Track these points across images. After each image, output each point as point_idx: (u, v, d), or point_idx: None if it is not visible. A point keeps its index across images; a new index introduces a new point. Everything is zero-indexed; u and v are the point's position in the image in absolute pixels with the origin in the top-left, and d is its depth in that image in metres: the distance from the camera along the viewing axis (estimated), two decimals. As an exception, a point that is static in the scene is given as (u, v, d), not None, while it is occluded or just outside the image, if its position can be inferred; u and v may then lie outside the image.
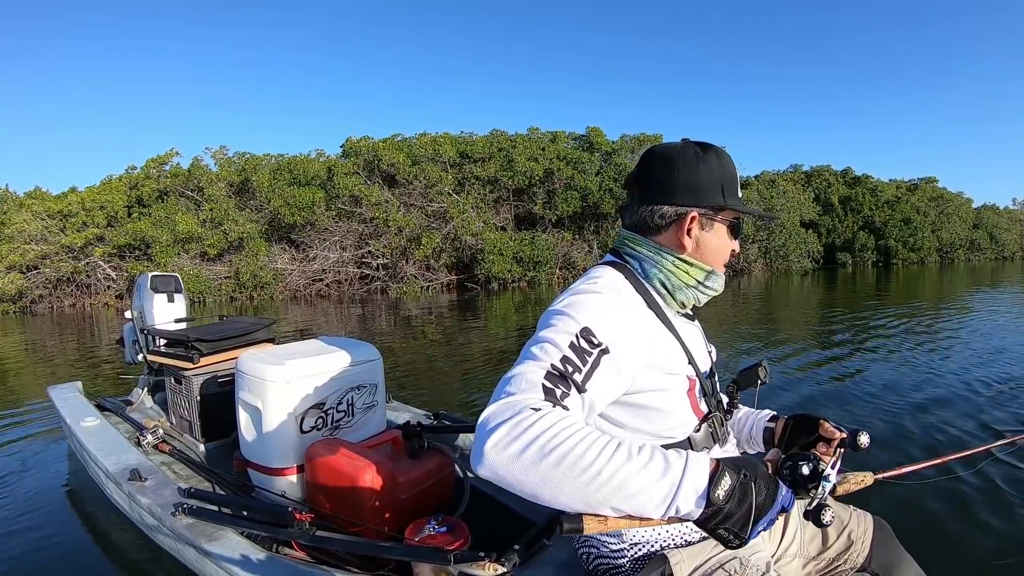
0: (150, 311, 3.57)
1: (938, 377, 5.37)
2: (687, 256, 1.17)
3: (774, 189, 33.51)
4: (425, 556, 1.56)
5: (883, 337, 7.99)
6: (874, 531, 1.42)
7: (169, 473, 2.54)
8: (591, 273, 1.15)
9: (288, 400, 2.19)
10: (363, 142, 26.10)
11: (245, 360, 2.28)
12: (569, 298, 1.03)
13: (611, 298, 1.05)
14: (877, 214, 37.96)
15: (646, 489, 0.77)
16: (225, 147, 26.99)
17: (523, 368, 0.89)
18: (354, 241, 23.66)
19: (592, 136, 28.98)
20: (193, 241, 22.16)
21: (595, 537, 1.18)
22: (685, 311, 1.24)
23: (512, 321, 12.33)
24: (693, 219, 1.15)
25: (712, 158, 1.15)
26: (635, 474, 0.76)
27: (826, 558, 1.39)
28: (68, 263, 21.66)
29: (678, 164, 1.14)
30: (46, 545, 2.72)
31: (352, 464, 2.00)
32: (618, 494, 0.76)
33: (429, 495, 2.10)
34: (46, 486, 3.45)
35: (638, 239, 1.20)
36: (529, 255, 23.46)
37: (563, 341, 0.93)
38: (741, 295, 17.09)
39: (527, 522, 2.04)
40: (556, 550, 1.64)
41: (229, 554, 1.84)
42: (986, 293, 15.02)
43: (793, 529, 1.37)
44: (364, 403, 2.42)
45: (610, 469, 0.76)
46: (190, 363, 2.86)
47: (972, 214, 45.69)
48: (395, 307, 16.34)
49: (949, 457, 1.59)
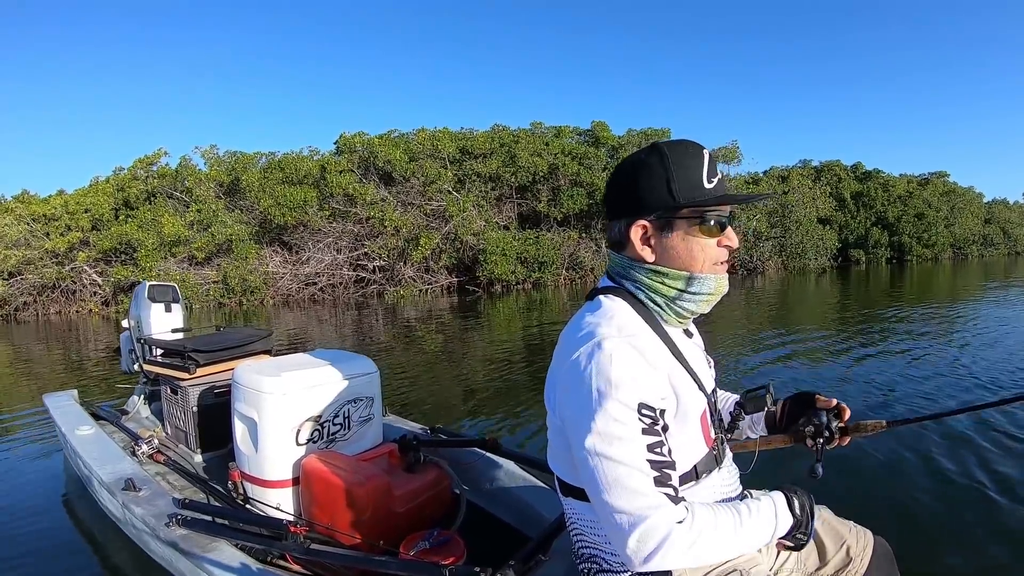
0: (147, 320, 3.69)
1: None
2: (655, 266, 1.18)
3: (786, 184, 33.43)
4: (421, 570, 1.64)
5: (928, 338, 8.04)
6: (874, 550, 1.45)
7: (164, 483, 2.65)
8: (592, 318, 1.16)
9: (284, 412, 2.29)
10: (358, 138, 26.09)
11: (242, 371, 2.39)
12: (598, 376, 1.04)
13: (631, 352, 1.07)
14: (890, 209, 38.00)
15: (763, 538, 1.14)
16: (215, 146, 27.18)
17: (625, 475, 1.02)
18: (349, 242, 23.60)
19: (597, 130, 28.97)
20: (180, 244, 22.23)
21: (599, 553, 1.22)
22: (685, 325, 1.26)
23: (516, 326, 12.32)
24: (644, 227, 1.17)
25: (653, 159, 1.14)
26: (755, 534, 1.12)
27: (824, 574, 1.43)
28: (52, 268, 21.74)
29: (619, 176, 1.20)
30: (39, 553, 2.85)
31: (348, 477, 2.09)
32: (746, 549, 1.13)
33: (425, 509, 2.19)
34: (40, 494, 3.59)
35: (614, 256, 1.26)
36: (533, 255, 23.42)
37: (635, 430, 1.03)
38: (753, 295, 17.14)
39: (523, 537, 2.11)
40: (552, 565, 1.72)
41: (223, 566, 1.92)
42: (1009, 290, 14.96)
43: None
44: (361, 416, 2.52)
45: (746, 541, 1.11)
46: (186, 373, 2.97)
47: (984, 209, 46.20)
48: (392, 312, 16.40)
49: (963, 409, 1.67)
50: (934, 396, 5.12)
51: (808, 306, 13.94)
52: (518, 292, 22.24)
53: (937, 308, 12.05)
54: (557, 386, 1.16)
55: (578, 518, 1.25)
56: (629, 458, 1.02)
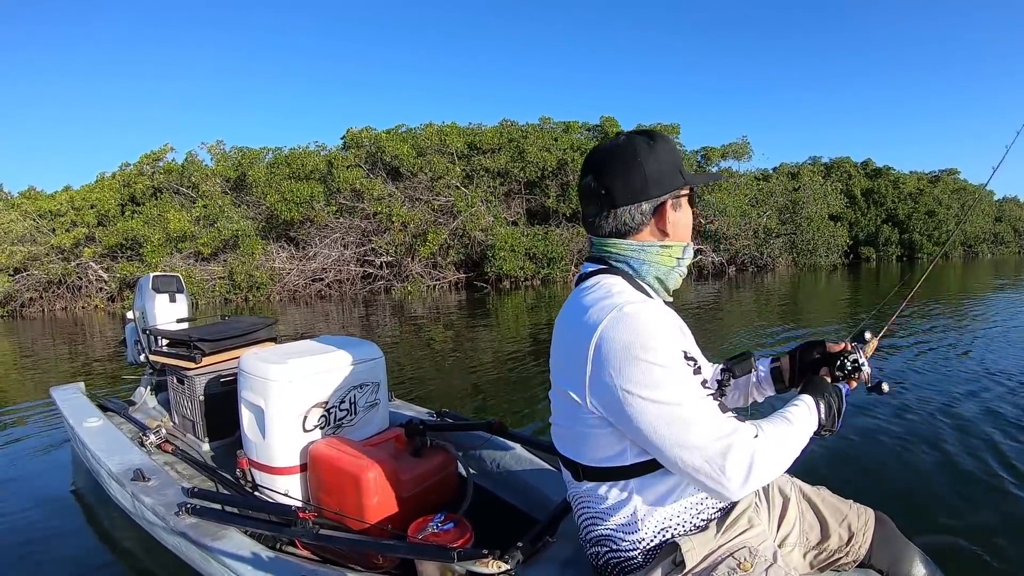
0: (152, 311, 3.74)
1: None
2: (667, 241, 1.31)
3: (796, 181, 33.27)
4: (429, 554, 1.67)
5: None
6: (876, 526, 1.49)
7: (172, 473, 2.69)
8: (597, 293, 1.21)
9: (291, 399, 2.32)
10: (365, 133, 26.13)
11: (247, 359, 2.42)
12: (635, 335, 1.09)
13: (659, 310, 1.16)
14: (900, 207, 38.24)
15: (809, 434, 1.24)
16: (221, 141, 27.22)
17: (697, 412, 1.09)
18: (356, 238, 23.67)
19: (606, 126, 28.85)
20: (186, 240, 22.36)
21: (611, 535, 1.27)
22: (669, 299, 1.37)
23: (524, 322, 12.33)
24: (667, 208, 1.28)
25: (663, 142, 1.28)
26: (805, 433, 1.23)
27: (826, 549, 1.48)
28: (58, 264, 21.94)
29: (640, 159, 1.25)
30: (50, 545, 2.90)
31: (355, 463, 2.12)
32: (801, 447, 1.21)
33: (432, 493, 2.22)
34: (49, 487, 3.65)
35: (621, 243, 1.30)
36: (543, 251, 23.41)
37: (687, 371, 1.11)
38: (763, 292, 17.10)
39: (530, 519, 2.14)
40: (559, 547, 1.74)
41: (233, 553, 1.95)
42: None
43: (793, 517, 1.47)
44: (367, 401, 2.55)
45: (800, 442, 1.20)
46: (192, 363, 3.01)
47: (994, 207, 46.46)
48: (400, 308, 16.45)
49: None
50: (945, 386, 5.15)
51: (818, 302, 13.85)
52: (527, 288, 22.27)
53: (951, 305, 12.04)
54: (579, 367, 1.15)
55: (591, 501, 1.28)
56: (692, 396, 1.09)
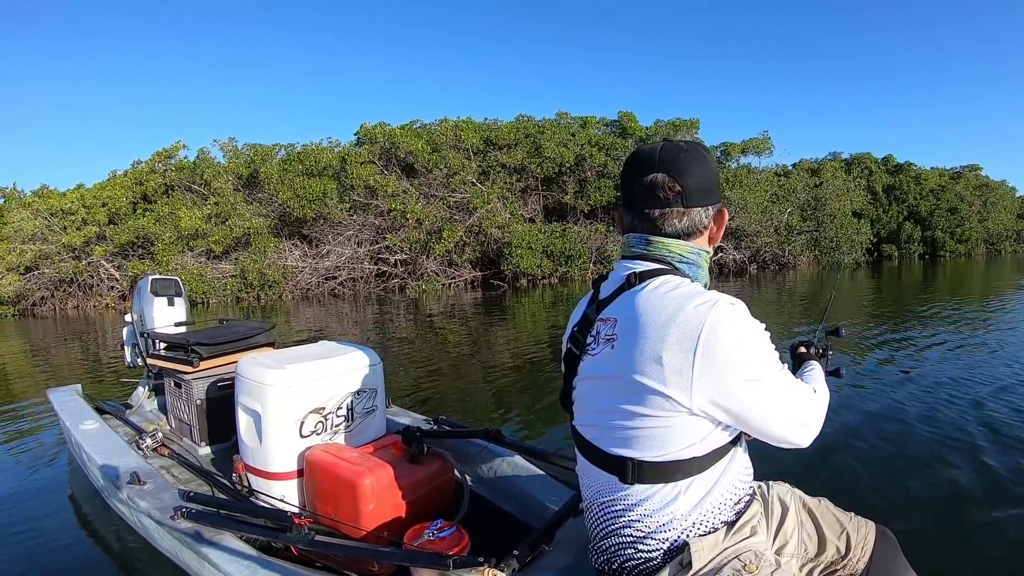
0: (150, 314, 3.80)
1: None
2: (710, 247, 1.37)
3: (817, 177, 32.93)
4: (424, 561, 1.68)
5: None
6: (876, 540, 1.49)
7: (168, 477, 2.73)
8: (683, 289, 1.21)
9: (288, 404, 2.35)
10: (378, 129, 26.26)
11: (245, 364, 2.45)
12: (739, 324, 1.17)
13: (744, 306, 1.23)
14: (922, 203, 38.13)
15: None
16: (233, 138, 27.63)
17: (795, 386, 1.27)
18: (370, 235, 23.82)
19: (624, 121, 28.82)
20: (197, 238, 22.66)
21: (640, 540, 1.24)
22: None
23: (542, 321, 12.27)
24: (725, 212, 1.35)
25: (708, 152, 1.32)
26: (825, 387, 1.45)
27: (824, 561, 1.48)
28: (69, 263, 22.35)
29: (711, 163, 1.30)
30: (44, 547, 2.96)
31: (351, 469, 2.15)
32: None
33: (428, 500, 2.24)
34: (45, 489, 3.72)
35: (684, 245, 1.29)
36: (560, 249, 23.39)
37: (775, 355, 1.24)
38: (785, 289, 16.92)
39: (526, 527, 2.14)
40: (555, 555, 1.74)
41: (228, 558, 1.97)
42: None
43: (791, 526, 1.45)
44: (364, 408, 2.57)
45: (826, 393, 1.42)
46: (190, 367, 3.05)
47: (1017, 203, 46.29)
48: (415, 307, 16.52)
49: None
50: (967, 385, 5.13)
51: (841, 300, 13.69)
52: (544, 286, 22.26)
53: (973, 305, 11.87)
54: (677, 361, 1.13)
55: (632, 504, 1.24)
56: (784, 369, 1.24)
